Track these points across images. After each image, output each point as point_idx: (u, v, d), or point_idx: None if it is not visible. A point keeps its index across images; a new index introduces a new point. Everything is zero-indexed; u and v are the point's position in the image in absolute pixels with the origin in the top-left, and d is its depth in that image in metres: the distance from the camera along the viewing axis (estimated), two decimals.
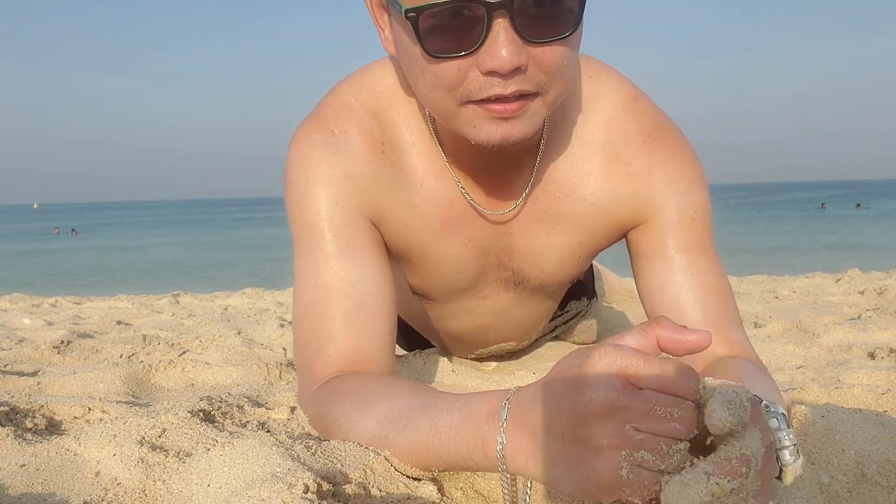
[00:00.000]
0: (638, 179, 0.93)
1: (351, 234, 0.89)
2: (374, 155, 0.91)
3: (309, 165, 0.90)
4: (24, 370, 1.39)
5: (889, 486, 0.74)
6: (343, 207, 0.89)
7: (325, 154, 0.90)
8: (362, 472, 0.72)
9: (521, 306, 1.13)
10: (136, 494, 0.73)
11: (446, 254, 0.98)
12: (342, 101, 0.93)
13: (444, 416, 0.65)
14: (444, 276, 1.02)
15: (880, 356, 1.36)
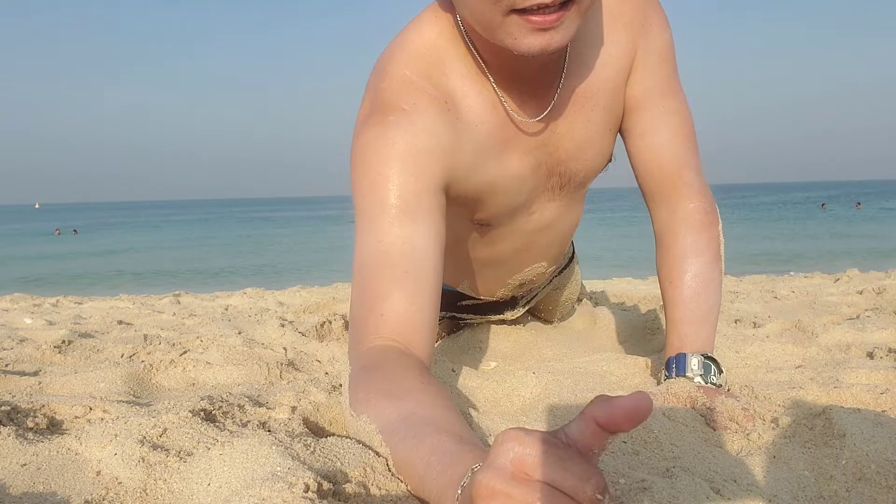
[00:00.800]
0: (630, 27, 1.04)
1: (420, 202, 0.91)
2: (445, 117, 0.96)
3: (387, 145, 0.91)
4: (25, 370, 1.39)
5: (888, 485, 0.74)
6: (418, 178, 0.91)
7: (401, 131, 0.92)
8: (362, 470, 0.72)
9: (560, 217, 1.22)
10: (137, 494, 0.73)
11: (508, 175, 1.05)
12: (400, 77, 0.96)
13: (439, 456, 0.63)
14: (507, 199, 1.09)
15: (879, 356, 1.36)
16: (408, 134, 0.92)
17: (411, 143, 0.92)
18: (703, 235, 1.09)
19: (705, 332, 1.06)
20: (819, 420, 0.90)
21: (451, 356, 1.39)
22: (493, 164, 1.02)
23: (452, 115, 0.97)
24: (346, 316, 2.00)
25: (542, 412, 0.98)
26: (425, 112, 0.94)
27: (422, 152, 0.92)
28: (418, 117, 0.93)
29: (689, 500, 0.69)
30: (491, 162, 1.02)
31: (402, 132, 0.92)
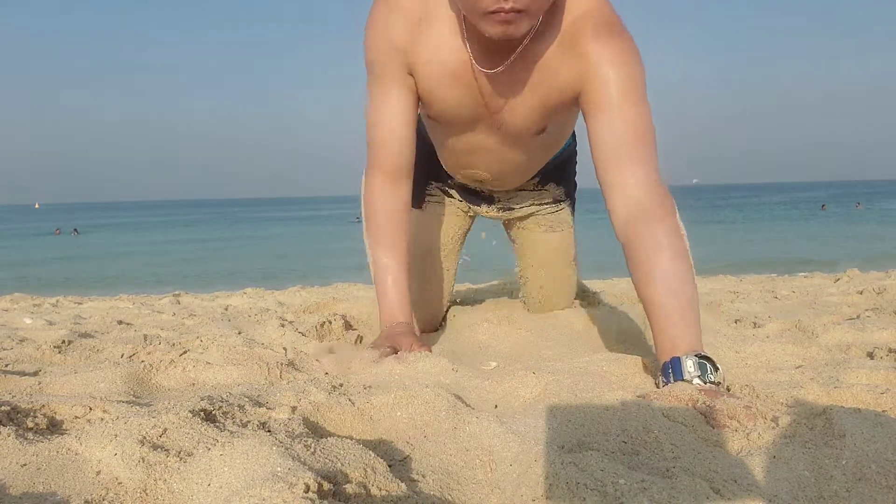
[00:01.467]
0: (588, 60, 1.31)
1: (397, 75, 1.42)
2: (413, 26, 1.39)
3: (373, 23, 1.42)
4: (25, 370, 1.39)
5: (888, 485, 0.74)
6: (386, 59, 1.41)
7: (380, 24, 1.41)
8: (363, 471, 0.72)
9: (500, 148, 1.57)
10: (137, 494, 0.73)
11: (453, 94, 1.44)
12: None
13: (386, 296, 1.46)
14: (451, 109, 1.48)
15: (879, 356, 1.36)
16: (385, 23, 1.39)
17: (385, 30, 1.39)
18: (664, 230, 1.19)
19: (692, 331, 1.12)
20: (819, 420, 0.90)
21: (452, 356, 1.39)
22: (444, 81, 1.42)
23: (421, 29, 1.38)
24: (346, 316, 2.00)
25: (542, 412, 0.98)
26: (399, 15, 1.38)
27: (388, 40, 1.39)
28: (393, 16, 1.39)
29: (688, 500, 0.69)
30: (443, 79, 1.42)
31: (382, 20, 1.40)
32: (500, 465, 0.81)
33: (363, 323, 2.04)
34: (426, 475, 0.81)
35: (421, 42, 1.39)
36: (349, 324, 1.95)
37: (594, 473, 0.74)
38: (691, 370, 1.06)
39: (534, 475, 0.77)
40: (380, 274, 1.46)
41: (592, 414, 0.95)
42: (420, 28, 1.38)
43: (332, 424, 0.99)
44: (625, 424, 0.92)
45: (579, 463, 0.76)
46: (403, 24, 1.38)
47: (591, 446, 0.88)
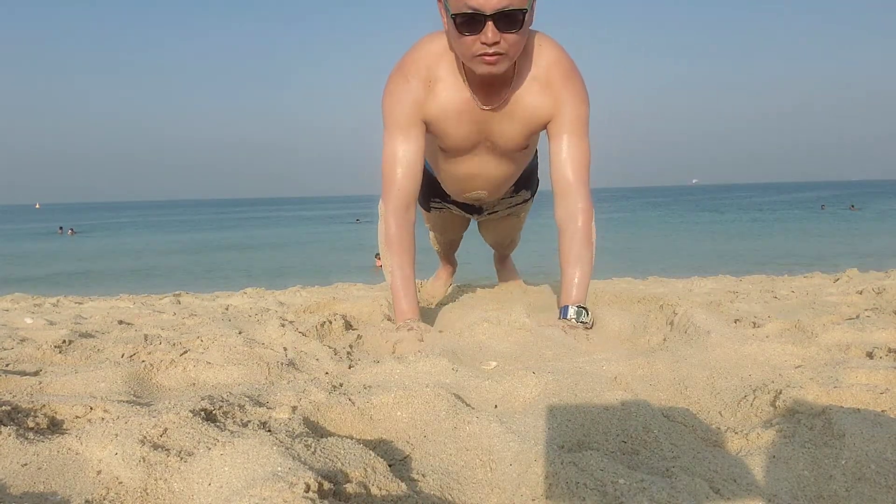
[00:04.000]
0: (555, 96, 1.87)
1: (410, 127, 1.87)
2: (424, 86, 1.86)
3: (392, 90, 1.88)
4: (25, 370, 1.39)
5: (888, 485, 0.74)
6: (403, 111, 1.86)
7: (399, 85, 1.87)
8: (363, 471, 0.72)
9: (495, 165, 2.07)
10: (138, 493, 0.73)
11: (460, 128, 1.92)
12: (412, 59, 1.87)
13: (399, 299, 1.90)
14: (457, 140, 1.96)
15: (879, 356, 1.36)
16: (402, 88, 1.86)
17: (402, 93, 1.86)
18: (582, 227, 1.88)
19: (580, 292, 1.84)
20: (819, 420, 0.90)
21: (452, 356, 1.39)
22: (451, 119, 1.89)
23: (431, 87, 1.86)
24: (346, 316, 2.00)
25: (542, 412, 0.98)
26: (414, 81, 1.86)
27: (407, 98, 1.86)
28: (410, 82, 1.86)
29: (688, 499, 0.69)
30: (451, 118, 1.89)
31: (399, 86, 1.87)
32: (500, 464, 0.81)
33: (363, 323, 2.04)
34: (426, 475, 0.81)
35: (433, 97, 1.86)
36: (349, 324, 1.95)
37: (594, 473, 0.74)
38: (572, 314, 1.80)
39: (534, 475, 0.77)
40: (396, 280, 1.91)
41: (592, 414, 0.95)
42: (431, 87, 1.86)
43: (333, 424, 0.99)
44: (625, 424, 0.92)
45: (579, 463, 0.76)
46: (419, 87, 1.85)
47: (591, 446, 0.88)
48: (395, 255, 1.91)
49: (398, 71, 1.87)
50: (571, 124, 1.86)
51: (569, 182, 1.88)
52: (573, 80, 1.86)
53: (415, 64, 1.85)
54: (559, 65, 1.85)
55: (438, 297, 2.71)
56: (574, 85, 1.86)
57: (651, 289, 3.43)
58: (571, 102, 1.86)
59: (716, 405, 1.11)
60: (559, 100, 1.85)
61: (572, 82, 1.86)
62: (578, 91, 1.87)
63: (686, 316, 1.72)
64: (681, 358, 1.35)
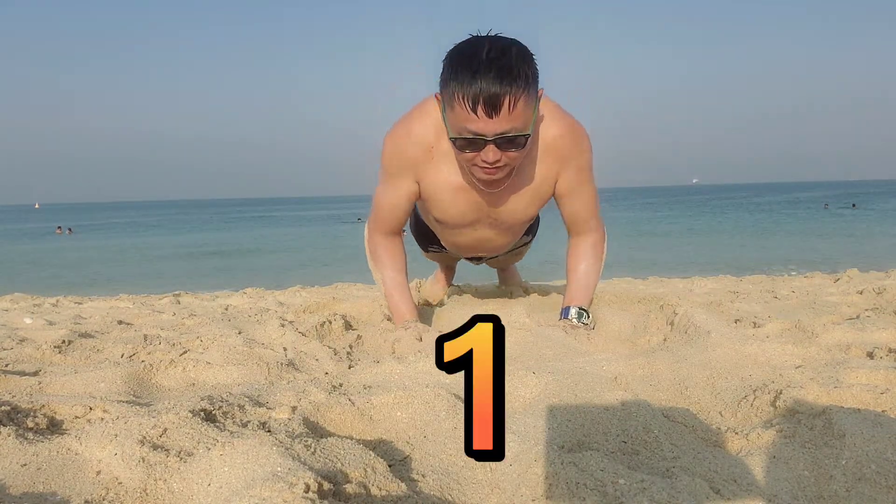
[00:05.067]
0: (560, 159, 1.81)
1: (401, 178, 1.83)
2: (425, 152, 1.79)
3: (393, 142, 1.81)
4: (25, 370, 1.39)
5: (888, 485, 0.74)
6: (399, 166, 1.82)
7: (401, 141, 1.79)
8: (363, 471, 0.72)
9: (496, 236, 2.03)
10: (138, 494, 0.73)
11: (456, 207, 1.88)
12: (420, 123, 1.77)
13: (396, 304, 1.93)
14: (453, 217, 1.92)
15: (879, 356, 1.36)
16: (402, 145, 1.80)
17: (401, 151, 1.80)
18: (593, 247, 1.95)
19: (584, 296, 1.89)
20: (819, 420, 0.90)
21: None
22: (449, 196, 1.85)
23: (431, 155, 1.79)
24: (346, 316, 2.00)
25: (542, 412, 0.98)
26: (415, 141, 1.78)
27: (403, 157, 1.81)
28: (411, 140, 1.78)
29: (688, 500, 0.69)
30: (449, 194, 1.84)
31: (401, 141, 1.80)
32: (500, 465, 0.81)
33: (363, 323, 2.04)
34: (426, 475, 0.81)
35: (432, 164, 1.80)
36: (349, 324, 1.95)
37: (594, 473, 0.74)
38: (573, 314, 1.84)
39: (534, 475, 0.77)
40: (388, 287, 1.94)
41: (592, 414, 0.95)
42: (431, 154, 1.79)
43: (332, 424, 0.99)
44: (625, 424, 0.92)
45: (579, 463, 0.76)
46: (418, 149, 1.78)
47: (591, 446, 0.88)
48: (384, 266, 1.94)
49: (403, 125, 1.79)
50: (577, 177, 1.83)
51: (580, 223, 1.91)
52: (573, 138, 1.80)
53: (423, 122, 1.76)
54: (557, 128, 1.78)
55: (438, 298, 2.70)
56: (575, 142, 1.80)
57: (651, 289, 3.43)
58: (575, 159, 1.81)
59: (716, 405, 1.11)
60: (563, 161, 1.81)
61: (573, 139, 1.80)
62: (581, 146, 1.81)
63: (686, 316, 1.72)
64: (681, 358, 1.35)
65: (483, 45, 1.52)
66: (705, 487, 0.72)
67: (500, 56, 1.50)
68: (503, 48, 1.52)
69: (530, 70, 1.54)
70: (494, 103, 1.49)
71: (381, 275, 1.96)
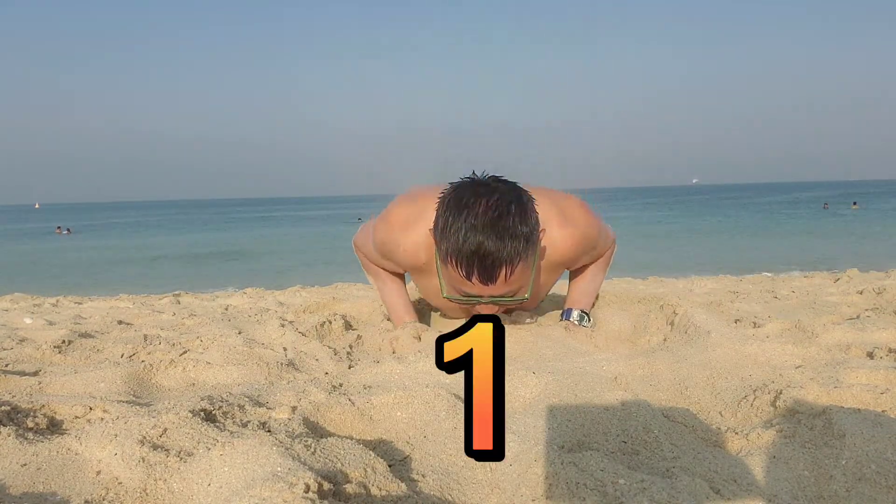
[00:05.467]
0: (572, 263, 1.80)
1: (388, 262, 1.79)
2: (416, 264, 1.69)
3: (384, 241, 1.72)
4: (25, 370, 1.39)
5: (888, 485, 0.74)
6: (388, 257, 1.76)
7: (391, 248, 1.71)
8: (363, 471, 0.72)
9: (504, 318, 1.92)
10: (137, 493, 0.73)
11: (452, 311, 1.93)
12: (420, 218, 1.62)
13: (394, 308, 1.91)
14: (447, 311, 1.97)
15: (879, 356, 1.36)
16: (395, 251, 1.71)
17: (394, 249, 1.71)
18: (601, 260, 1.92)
19: (586, 301, 1.89)
20: (819, 420, 0.90)
21: None
22: (441, 302, 1.83)
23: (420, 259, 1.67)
24: (346, 316, 2.00)
25: (542, 412, 0.98)
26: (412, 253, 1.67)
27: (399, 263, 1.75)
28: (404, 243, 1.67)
29: (688, 500, 0.69)
30: (439, 300, 1.82)
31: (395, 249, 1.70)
32: (500, 465, 0.81)
33: (363, 323, 2.04)
34: (426, 475, 0.81)
35: (423, 273, 1.73)
36: (349, 324, 1.95)
37: (594, 473, 0.74)
38: (575, 316, 1.84)
39: (534, 475, 0.77)
40: (385, 292, 1.92)
41: (592, 414, 0.95)
42: (421, 269, 1.71)
43: (332, 424, 0.99)
44: (625, 424, 0.92)
45: (579, 463, 0.76)
46: (407, 262, 1.70)
47: (591, 446, 0.88)
48: (378, 272, 1.91)
49: (395, 235, 1.67)
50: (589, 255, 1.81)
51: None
52: (585, 242, 1.70)
53: (410, 249, 1.65)
54: (571, 248, 1.67)
55: None
56: (585, 244, 1.71)
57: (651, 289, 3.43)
58: (586, 254, 1.77)
59: (716, 405, 1.11)
60: (576, 261, 1.78)
61: (584, 244, 1.71)
62: (590, 244, 1.74)
63: (686, 316, 1.71)
64: (681, 358, 1.35)
65: (479, 201, 1.38)
66: (705, 487, 0.72)
67: (496, 219, 1.35)
68: (500, 206, 1.37)
69: (529, 227, 1.40)
70: (490, 273, 1.37)
71: (377, 282, 1.94)
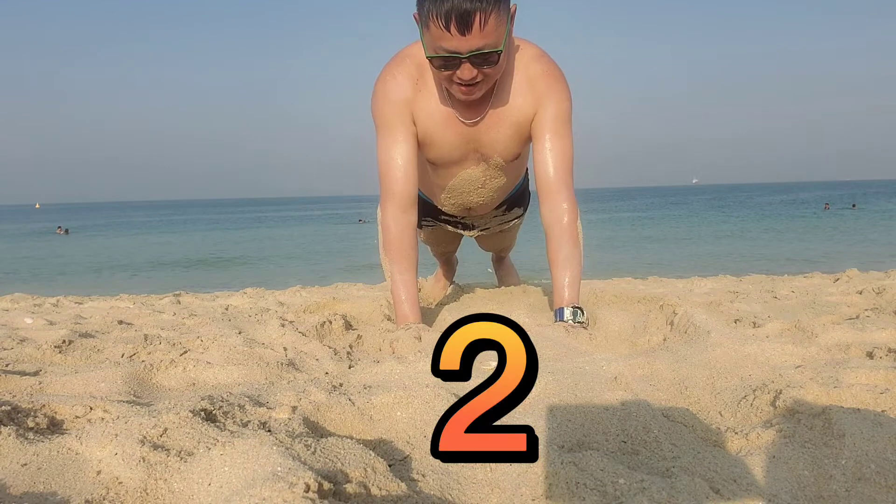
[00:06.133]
0: (539, 95, 1.86)
1: (401, 126, 1.86)
2: (412, 87, 1.85)
3: (381, 89, 1.87)
4: (25, 370, 1.39)
5: (888, 485, 0.74)
6: (394, 111, 1.85)
7: (388, 84, 1.86)
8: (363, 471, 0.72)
9: (486, 178, 2.06)
10: (138, 494, 0.73)
11: (445, 139, 1.91)
12: (401, 58, 1.87)
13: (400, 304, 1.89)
14: (444, 152, 1.95)
15: (879, 356, 1.36)
16: (390, 86, 1.85)
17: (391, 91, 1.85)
18: (568, 227, 1.88)
19: (572, 293, 1.85)
20: (819, 420, 0.90)
21: None
22: (438, 129, 1.88)
23: (419, 88, 1.85)
24: (346, 316, 2.00)
25: (542, 412, 0.98)
26: (402, 80, 1.85)
27: (395, 97, 1.85)
28: (398, 81, 1.85)
29: (688, 499, 0.69)
30: (437, 127, 1.88)
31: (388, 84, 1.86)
32: (500, 464, 0.81)
33: (363, 323, 2.04)
34: (426, 475, 0.82)
35: (420, 99, 1.85)
36: (349, 324, 1.95)
37: (594, 473, 0.74)
38: (568, 315, 1.81)
39: (534, 475, 0.77)
40: (395, 288, 1.91)
41: (592, 414, 0.95)
42: (418, 87, 1.85)
43: (333, 424, 0.99)
44: (625, 424, 0.92)
45: (579, 463, 0.76)
46: (408, 84, 1.84)
47: (591, 446, 0.88)
48: (395, 260, 1.91)
49: (387, 70, 1.86)
50: (553, 122, 1.86)
51: (551, 181, 1.88)
52: (554, 78, 1.86)
53: (403, 62, 1.84)
54: (539, 65, 1.85)
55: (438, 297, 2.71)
56: (555, 82, 1.86)
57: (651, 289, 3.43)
58: (553, 99, 1.85)
59: (716, 405, 1.11)
60: (541, 98, 1.85)
61: (554, 79, 1.86)
62: (560, 89, 1.87)
63: (686, 316, 1.72)
64: (681, 358, 1.35)
65: None
66: (705, 487, 0.72)
67: None
68: None
69: None
70: (466, 20, 1.55)
71: (390, 271, 1.94)
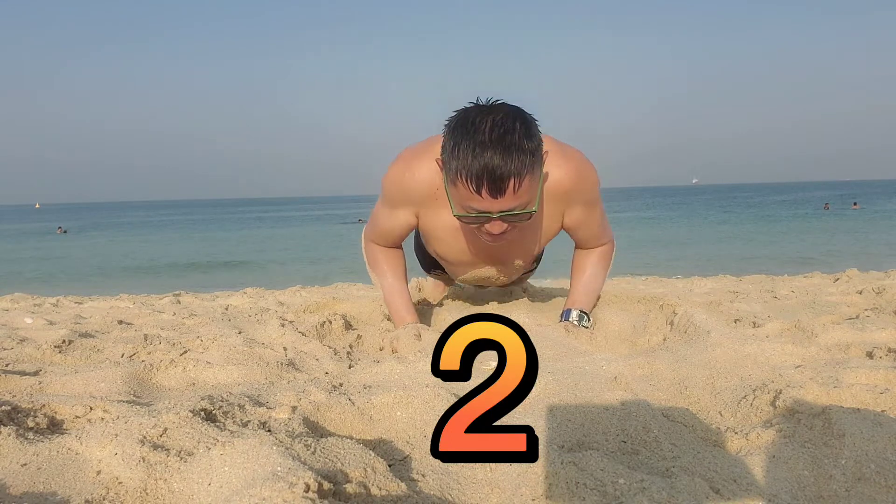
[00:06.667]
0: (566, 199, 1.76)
1: (400, 210, 1.80)
2: (428, 193, 1.73)
3: (397, 176, 1.76)
4: (25, 370, 1.39)
5: (888, 485, 0.74)
6: (403, 201, 1.78)
7: (405, 177, 1.74)
8: (363, 471, 0.72)
9: (501, 274, 2.03)
10: (138, 493, 0.73)
11: (459, 246, 1.86)
12: (431, 155, 1.67)
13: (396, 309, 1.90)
14: (456, 254, 1.91)
15: (878, 356, 1.36)
16: (406, 180, 1.74)
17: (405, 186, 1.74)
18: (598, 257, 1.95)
19: (587, 300, 1.90)
20: (819, 420, 0.90)
21: None
22: (448, 238, 1.83)
23: (435, 196, 1.72)
24: (346, 316, 2.00)
25: (542, 412, 0.98)
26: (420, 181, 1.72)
27: (405, 192, 1.76)
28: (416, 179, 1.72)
29: (688, 499, 0.69)
30: (448, 236, 1.82)
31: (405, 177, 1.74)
32: (500, 464, 0.81)
33: (363, 323, 2.04)
34: (426, 475, 0.82)
35: (434, 206, 1.74)
36: (349, 324, 1.95)
37: (594, 473, 0.74)
38: (574, 316, 1.84)
39: (534, 475, 0.77)
40: (388, 292, 1.92)
41: (592, 414, 0.95)
42: (435, 196, 1.72)
43: (332, 424, 0.99)
44: (624, 424, 0.92)
45: (579, 463, 0.76)
46: (425, 191, 1.72)
47: (590, 446, 0.88)
48: (383, 273, 1.93)
49: (409, 162, 1.73)
50: (585, 211, 1.80)
51: (589, 244, 1.93)
52: (577, 174, 1.73)
53: (430, 162, 1.68)
54: (560, 171, 1.70)
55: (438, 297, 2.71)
56: (579, 180, 1.73)
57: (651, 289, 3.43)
58: (583, 197, 1.77)
59: (716, 405, 1.11)
60: (570, 201, 1.76)
61: (577, 176, 1.73)
62: (589, 186, 1.77)
63: (686, 316, 1.72)
64: (681, 358, 1.35)
65: (486, 120, 1.45)
66: (705, 487, 0.72)
67: (503, 135, 1.42)
68: (506, 124, 1.44)
69: (534, 143, 1.47)
70: (499, 186, 1.44)
71: (380, 281, 1.95)
